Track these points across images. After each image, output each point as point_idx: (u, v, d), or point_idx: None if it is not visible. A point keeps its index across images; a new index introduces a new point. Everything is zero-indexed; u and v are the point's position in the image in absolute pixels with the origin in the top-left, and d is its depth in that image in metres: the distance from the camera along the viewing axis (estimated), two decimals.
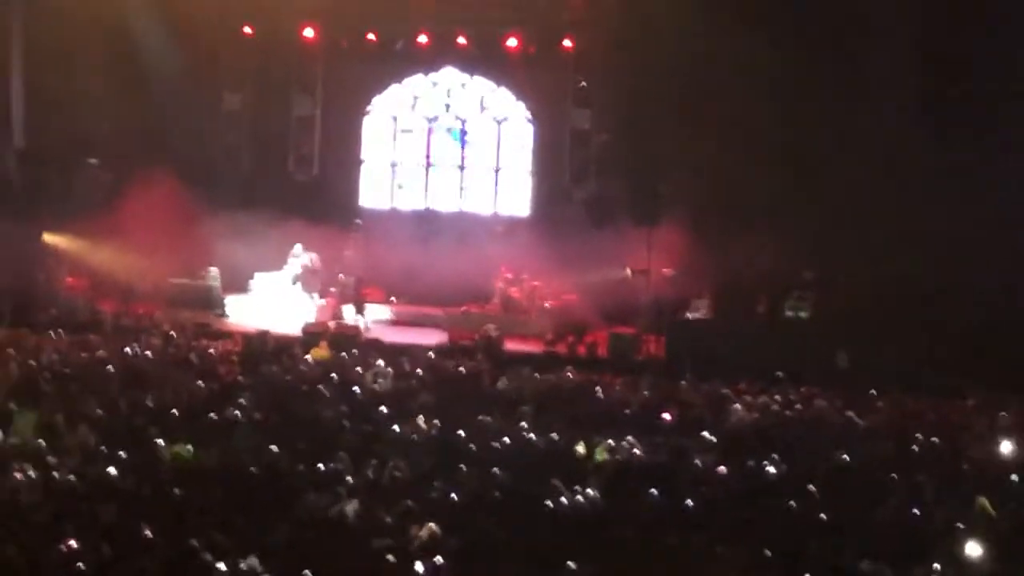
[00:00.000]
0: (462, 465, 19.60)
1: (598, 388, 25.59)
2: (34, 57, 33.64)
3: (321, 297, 34.85)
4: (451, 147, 39.64)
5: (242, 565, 15.16)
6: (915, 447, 22.07)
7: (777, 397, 25.16)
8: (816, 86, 32.06)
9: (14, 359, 24.65)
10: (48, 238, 33.62)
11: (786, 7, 32.08)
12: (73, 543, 15.10)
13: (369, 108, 39.53)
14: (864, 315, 29.69)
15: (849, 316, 30.23)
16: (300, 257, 35.02)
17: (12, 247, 31.78)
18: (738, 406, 24.23)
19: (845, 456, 21.14)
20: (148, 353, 26.66)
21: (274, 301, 34.17)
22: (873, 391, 26.13)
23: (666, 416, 23.42)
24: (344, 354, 27.76)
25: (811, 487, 19.17)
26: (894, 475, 19.98)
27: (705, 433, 21.93)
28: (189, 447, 19.75)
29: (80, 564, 14.65)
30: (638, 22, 33.59)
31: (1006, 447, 22.09)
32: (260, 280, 35.11)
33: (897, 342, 28.58)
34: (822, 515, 18.12)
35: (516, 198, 39.28)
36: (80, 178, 35.32)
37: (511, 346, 31.52)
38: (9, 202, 32.89)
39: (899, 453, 21.80)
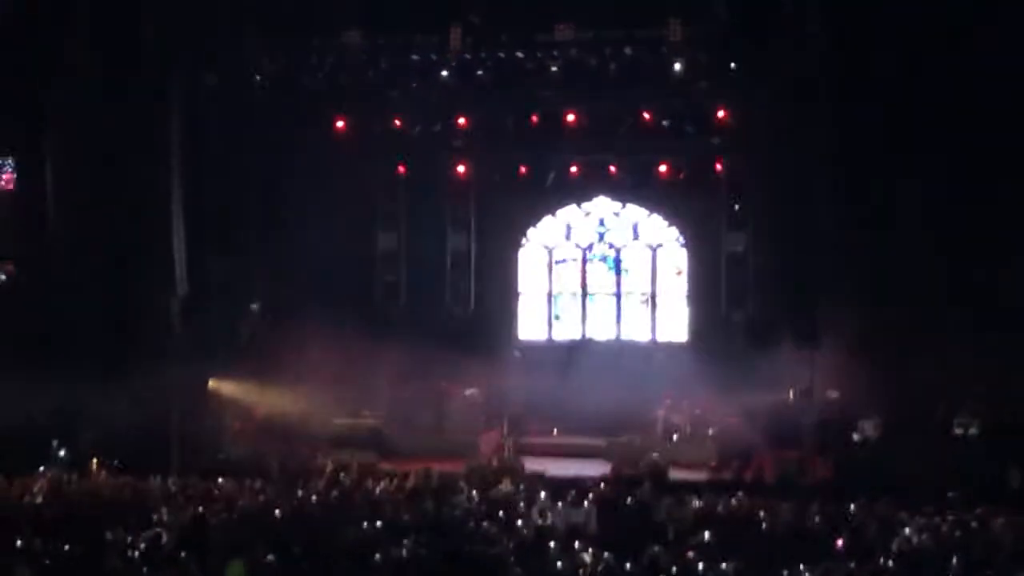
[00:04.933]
0: None
1: (762, 513, 25.14)
2: (193, 206, 34.28)
3: (483, 432, 34.86)
4: (606, 275, 39.74)
5: None
6: None
7: (950, 518, 24.51)
8: (980, 207, 31.56)
9: (183, 506, 24.90)
10: (213, 384, 34.10)
11: (950, 141, 31.55)
12: None
13: (524, 240, 39.80)
14: None
15: (1021, 431, 29.52)
16: (465, 392, 35.25)
17: (178, 394, 32.29)
18: (908, 530, 23.64)
19: None
20: (314, 497, 26.75)
21: (437, 437, 34.27)
22: None
23: (839, 543, 22.90)
24: (511, 488, 27.64)
25: None
26: None
27: (882, 559, 21.43)
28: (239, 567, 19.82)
29: None
30: (789, 144, 33.50)
31: None
32: (423, 417, 35.25)
33: None
34: None
35: (674, 324, 39.15)
36: (242, 323, 35.89)
37: (676, 474, 31.17)
38: (173, 349, 33.38)
39: None
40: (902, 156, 31.52)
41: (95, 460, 30.15)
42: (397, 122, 36.68)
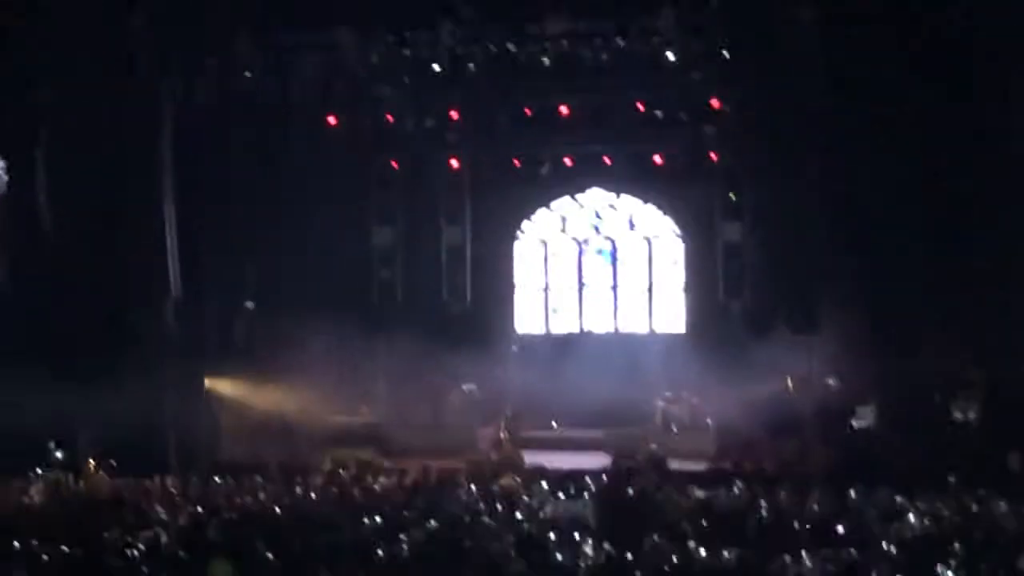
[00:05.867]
0: None
1: (762, 502, 25.10)
2: (186, 206, 34.21)
3: (482, 427, 34.83)
4: (603, 267, 39.68)
5: None
6: None
7: (951, 503, 24.47)
8: (978, 193, 31.50)
9: (181, 506, 24.86)
10: (209, 383, 34.05)
11: (945, 127, 31.47)
12: None
13: (519, 233, 39.75)
14: None
15: (1020, 415, 29.46)
16: (463, 388, 35.21)
17: (174, 393, 32.24)
18: (913, 515, 23.59)
19: None
20: (313, 494, 26.71)
21: (436, 433, 34.25)
22: None
23: (839, 529, 22.84)
24: (511, 482, 27.59)
25: None
26: None
27: (884, 544, 21.36)
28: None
29: None
30: (784, 132, 33.44)
31: None
32: (421, 413, 35.23)
33: None
34: None
35: (671, 315, 39.10)
36: (237, 322, 35.83)
37: (675, 464, 31.13)
38: (169, 349, 33.33)
39: None
40: (899, 144, 31.44)
41: (92, 461, 30.06)
42: (389, 117, 36.63)
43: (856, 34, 31.66)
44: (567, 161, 37.92)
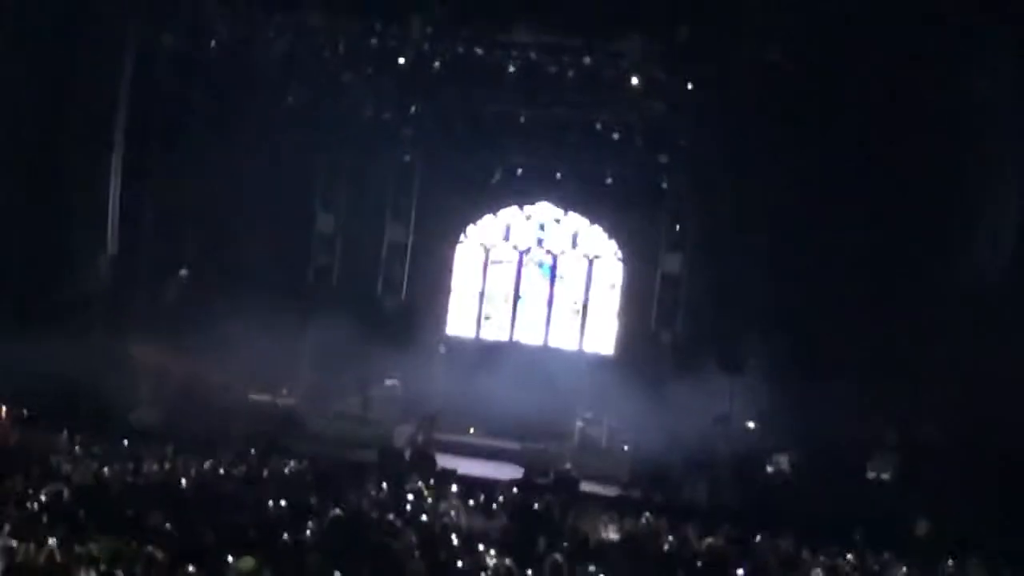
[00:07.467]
0: None
1: (670, 536, 25.14)
2: (132, 165, 33.90)
3: (400, 423, 34.75)
4: (540, 281, 39.77)
5: None
6: None
7: (851, 559, 24.58)
8: (910, 247, 31.75)
9: (87, 464, 24.65)
10: (133, 345, 33.73)
11: (886, 177, 31.71)
12: None
13: (462, 237, 39.74)
14: (948, 481, 29.07)
15: (932, 481, 29.63)
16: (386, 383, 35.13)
17: (96, 351, 31.90)
18: (813, 568, 23.69)
19: None
20: (221, 470, 26.52)
21: (353, 424, 34.15)
22: (951, 561, 25.43)
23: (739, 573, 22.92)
24: (421, 483, 27.54)
25: None
26: None
27: None
28: (250, 560, 19.44)
29: None
30: (735, 172, 33.62)
31: None
32: (342, 403, 35.12)
33: (981, 509, 27.92)
34: None
35: (602, 337, 39.19)
36: (169, 288, 35.55)
37: (587, 486, 31.16)
38: (97, 306, 33.01)
39: None
40: (849, 195, 31.64)
41: (3, 408, 29.72)
42: (348, 105, 36.54)
43: (819, 79, 31.83)
44: (519, 171, 37.98)
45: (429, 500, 25.87)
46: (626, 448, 34.23)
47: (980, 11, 29.63)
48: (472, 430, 36.17)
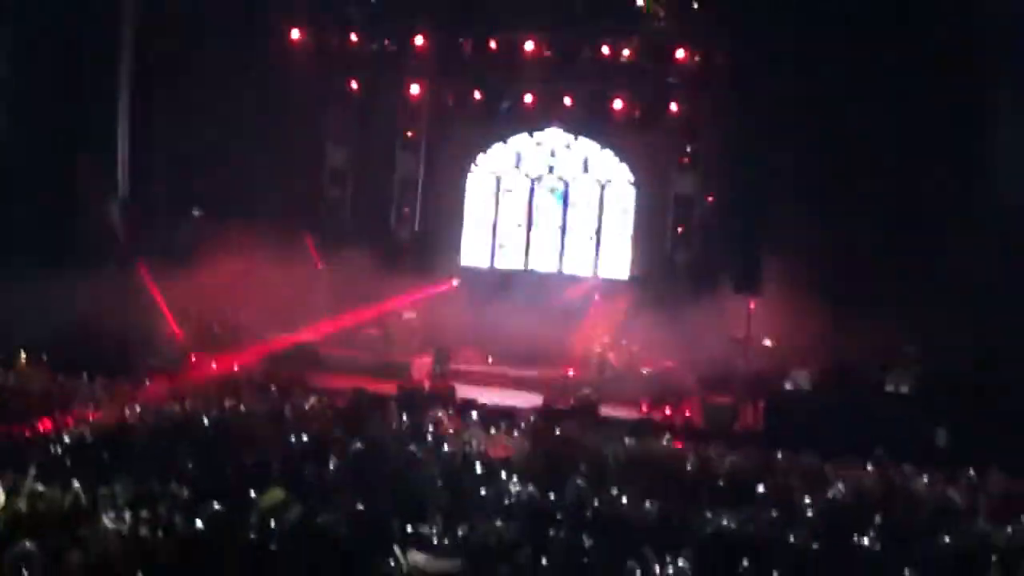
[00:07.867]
0: (552, 530, 19.29)
1: (690, 456, 25.19)
2: (140, 109, 33.84)
3: (418, 356, 34.82)
4: (553, 208, 39.67)
5: None
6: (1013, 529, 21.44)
7: (875, 473, 24.61)
8: (931, 162, 31.62)
9: (109, 406, 24.75)
10: (149, 287, 33.75)
11: (904, 82, 31.54)
12: None
13: (473, 166, 39.63)
14: (967, 392, 29.07)
15: (951, 392, 29.62)
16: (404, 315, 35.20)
17: (114, 295, 31.93)
18: (836, 482, 23.74)
19: (945, 538, 20.57)
20: (242, 407, 26.59)
21: (372, 357, 34.24)
22: (972, 472, 25.45)
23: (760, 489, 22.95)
24: (441, 413, 27.59)
25: (907, 571, 18.65)
26: (993, 558, 19.41)
27: (804, 508, 21.50)
28: (279, 492, 19.48)
29: None
30: (746, 88, 33.44)
31: None
32: (360, 336, 35.22)
33: (1001, 420, 27.93)
34: None
35: (617, 261, 39.14)
36: (184, 228, 35.55)
37: (607, 411, 31.20)
38: (113, 250, 33.05)
39: (998, 536, 21.19)
40: (861, 110, 31.47)
41: (24, 355, 29.82)
42: (354, 37, 36.43)
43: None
44: (528, 98, 37.75)
45: (451, 430, 25.95)
46: (645, 371, 34.24)
47: None
48: (490, 359, 36.19)
